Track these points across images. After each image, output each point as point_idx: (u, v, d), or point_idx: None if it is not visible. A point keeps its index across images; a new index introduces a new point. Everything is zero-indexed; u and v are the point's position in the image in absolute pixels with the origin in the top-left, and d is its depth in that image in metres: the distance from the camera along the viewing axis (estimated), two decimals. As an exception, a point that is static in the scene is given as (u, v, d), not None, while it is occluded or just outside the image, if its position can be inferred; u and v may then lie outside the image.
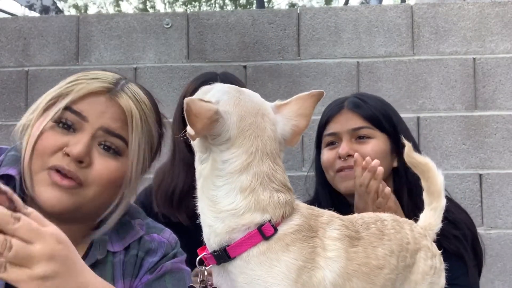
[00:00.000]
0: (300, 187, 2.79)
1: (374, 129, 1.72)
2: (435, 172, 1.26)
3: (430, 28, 2.89)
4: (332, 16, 2.93)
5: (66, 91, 1.16)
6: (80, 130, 1.14)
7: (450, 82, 2.85)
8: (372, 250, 1.02)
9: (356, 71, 2.88)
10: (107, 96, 1.16)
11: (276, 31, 2.93)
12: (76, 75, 1.21)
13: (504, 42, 2.86)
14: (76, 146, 1.11)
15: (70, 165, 1.10)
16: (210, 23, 2.95)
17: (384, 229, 1.09)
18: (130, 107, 1.17)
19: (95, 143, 1.15)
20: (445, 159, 2.79)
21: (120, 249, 1.21)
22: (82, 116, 1.14)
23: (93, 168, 1.14)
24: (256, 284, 0.93)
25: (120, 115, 1.17)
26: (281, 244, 0.93)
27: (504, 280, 2.71)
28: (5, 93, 2.97)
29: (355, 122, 1.72)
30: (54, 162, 1.11)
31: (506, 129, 2.79)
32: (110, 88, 1.18)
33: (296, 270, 0.91)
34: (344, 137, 1.72)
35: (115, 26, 2.98)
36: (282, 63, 2.90)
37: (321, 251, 0.95)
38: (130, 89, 1.21)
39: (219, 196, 0.96)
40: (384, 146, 1.73)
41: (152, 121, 1.24)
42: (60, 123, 1.13)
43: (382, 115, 1.74)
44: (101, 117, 1.15)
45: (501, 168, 2.78)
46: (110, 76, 1.22)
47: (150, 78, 2.92)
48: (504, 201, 2.75)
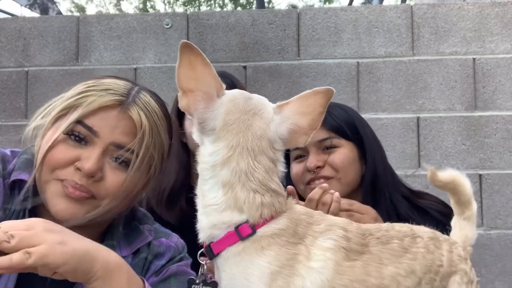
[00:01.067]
0: (300, 187, 2.79)
1: (340, 138, 1.70)
2: (463, 183, 1.21)
3: (430, 28, 2.89)
4: (332, 17, 2.93)
5: (78, 103, 1.16)
6: (91, 143, 1.14)
7: (450, 82, 2.85)
8: (377, 267, 0.95)
9: (356, 71, 2.88)
10: (118, 110, 1.16)
11: (276, 31, 2.93)
12: (88, 84, 1.20)
13: (504, 42, 2.86)
14: (88, 162, 1.11)
15: (82, 180, 1.11)
16: (210, 23, 2.95)
17: (410, 246, 1.01)
18: (141, 121, 1.17)
19: (107, 157, 1.15)
20: (445, 159, 2.79)
21: (128, 254, 1.22)
22: (94, 131, 1.14)
23: (105, 182, 1.14)
24: (233, 283, 0.93)
25: (132, 128, 1.17)
26: (256, 247, 0.92)
27: (504, 280, 2.71)
28: (5, 93, 2.97)
29: (320, 134, 1.69)
30: (66, 176, 1.12)
31: (506, 129, 2.80)
32: (121, 100, 1.18)
33: (270, 274, 0.89)
34: (311, 149, 1.69)
35: (115, 26, 2.98)
36: (282, 63, 2.90)
37: (304, 259, 0.91)
38: (142, 99, 1.21)
39: (205, 190, 0.98)
40: (351, 153, 1.71)
41: (163, 130, 1.24)
42: (72, 135, 1.14)
43: (347, 124, 1.73)
44: (112, 132, 1.15)
45: (501, 168, 2.78)
46: (122, 87, 1.21)
47: (150, 78, 2.92)
48: (504, 201, 2.75)
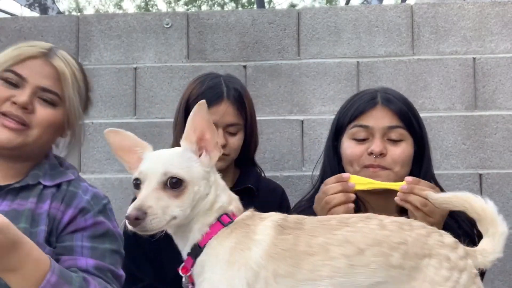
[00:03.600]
0: (300, 187, 2.79)
1: (405, 130, 1.70)
2: (469, 199, 1.24)
3: (430, 28, 2.89)
4: (332, 16, 2.93)
5: (9, 56, 1.46)
6: (22, 87, 1.45)
7: (450, 82, 2.84)
8: (307, 238, 1.13)
9: (356, 71, 2.88)
10: (43, 60, 1.48)
11: (276, 31, 2.93)
12: (17, 44, 1.52)
13: (504, 42, 2.86)
14: (21, 97, 1.43)
15: (18, 111, 1.43)
16: (210, 23, 2.95)
17: (355, 222, 1.15)
18: (63, 68, 1.49)
19: (35, 96, 1.46)
20: (445, 159, 2.79)
21: (50, 184, 1.49)
22: (23, 77, 1.45)
23: (36, 114, 1.46)
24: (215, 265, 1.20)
25: (54, 74, 1.48)
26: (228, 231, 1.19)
27: (504, 280, 2.71)
28: (5, 93, 2.96)
29: (390, 119, 1.69)
30: (4, 109, 1.42)
31: (506, 129, 2.79)
32: (45, 53, 1.49)
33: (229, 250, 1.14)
34: (378, 133, 1.68)
35: (115, 26, 2.97)
36: (282, 63, 2.90)
37: (252, 235, 1.16)
38: (62, 54, 1.53)
39: None
40: (411, 151, 1.71)
41: (80, 78, 1.55)
42: (5, 81, 1.44)
43: (412, 114, 1.73)
44: (37, 77, 1.46)
45: (501, 168, 2.78)
46: (45, 44, 1.54)
47: (150, 78, 2.92)
48: (504, 201, 2.75)
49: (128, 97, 2.89)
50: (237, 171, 2.14)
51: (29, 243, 1.26)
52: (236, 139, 2.00)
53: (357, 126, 1.72)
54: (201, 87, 1.98)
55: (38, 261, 1.27)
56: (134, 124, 2.87)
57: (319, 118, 2.85)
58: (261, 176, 2.22)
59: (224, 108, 1.94)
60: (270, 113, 2.83)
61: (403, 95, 1.84)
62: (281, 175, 2.81)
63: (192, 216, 1.18)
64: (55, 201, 1.47)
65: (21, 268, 1.23)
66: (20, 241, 1.22)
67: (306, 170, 2.79)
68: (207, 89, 1.97)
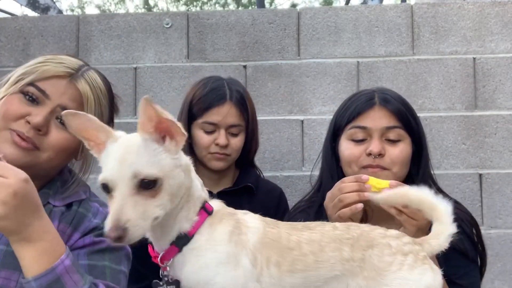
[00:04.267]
0: (300, 187, 2.79)
1: (404, 130, 1.70)
2: (407, 193, 1.31)
3: (430, 28, 2.89)
4: (332, 16, 2.93)
5: (34, 70, 1.39)
6: (42, 104, 1.37)
7: (450, 82, 2.84)
8: (286, 234, 1.20)
9: (356, 71, 2.88)
10: (68, 80, 1.41)
11: (276, 31, 2.93)
12: (46, 57, 1.44)
13: (504, 42, 2.86)
14: (37, 117, 1.34)
15: (30, 132, 1.34)
16: (210, 23, 2.95)
17: (314, 226, 1.25)
18: (86, 92, 1.42)
19: (53, 117, 1.38)
20: (445, 159, 2.79)
21: (60, 205, 1.41)
22: (46, 94, 1.37)
23: (49, 137, 1.38)
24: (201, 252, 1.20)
25: (77, 97, 1.41)
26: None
27: (504, 280, 2.71)
28: (5, 93, 2.96)
29: (388, 120, 1.68)
30: (16, 127, 1.34)
31: (506, 129, 2.79)
32: (72, 73, 1.42)
33: (228, 234, 1.17)
34: (376, 134, 1.68)
35: (115, 26, 2.98)
36: (282, 63, 2.90)
37: (244, 222, 1.20)
38: (89, 75, 1.45)
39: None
40: (409, 151, 1.71)
41: (104, 104, 1.49)
42: (26, 95, 1.37)
43: (408, 111, 1.73)
44: (61, 97, 1.39)
45: (501, 168, 2.78)
46: (74, 63, 1.45)
47: (150, 78, 2.92)
48: (504, 201, 2.75)
49: (128, 97, 2.89)
50: (237, 171, 2.18)
51: (48, 218, 1.21)
52: (238, 140, 2.05)
53: (355, 127, 1.72)
54: (204, 89, 2.03)
55: (56, 239, 1.22)
56: (134, 124, 2.85)
57: (319, 118, 2.85)
58: (260, 177, 2.25)
59: (227, 110, 1.99)
60: (270, 113, 2.83)
61: (400, 95, 1.84)
62: (281, 175, 2.81)
63: (173, 207, 1.13)
64: (63, 222, 1.39)
65: (39, 240, 1.16)
66: (42, 210, 1.18)
67: (306, 170, 2.79)
68: (210, 90, 2.02)
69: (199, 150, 2.03)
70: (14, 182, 1.10)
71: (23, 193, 1.11)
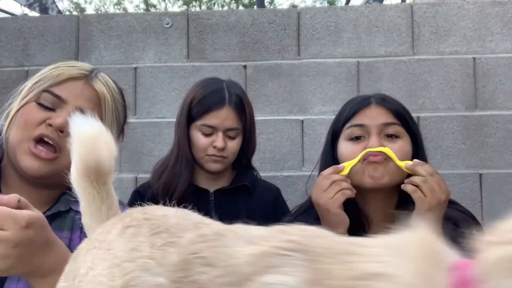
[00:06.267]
0: (300, 187, 2.79)
1: (402, 127, 1.69)
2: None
3: (430, 27, 2.89)
4: (332, 16, 2.93)
5: (48, 76, 1.39)
6: (60, 108, 1.37)
7: (450, 82, 2.85)
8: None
9: (356, 70, 2.88)
10: (83, 81, 1.41)
11: (276, 30, 2.93)
12: (56, 64, 1.44)
13: (504, 41, 2.86)
14: (58, 118, 1.34)
15: (53, 133, 1.34)
16: (210, 22, 2.95)
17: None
18: (103, 91, 1.43)
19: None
20: (445, 159, 2.79)
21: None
22: (62, 99, 1.36)
23: (69, 140, 1.31)
24: None
25: (94, 98, 1.41)
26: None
27: (504, 280, 2.71)
28: (5, 92, 2.95)
29: (385, 117, 1.67)
30: (39, 132, 1.34)
31: (506, 129, 2.79)
32: (86, 74, 1.43)
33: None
34: (374, 131, 1.66)
35: (115, 26, 2.98)
36: (282, 62, 2.90)
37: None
38: (102, 77, 1.47)
39: None
40: (409, 148, 1.70)
41: (119, 104, 1.50)
42: (42, 105, 1.36)
43: (405, 111, 1.74)
44: (77, 99, 1.38)
45: (501, 168, 2.78)
46: (86, 66, 1.48)
47: (150, 77, 2.92)
48: (504, 201, 2.75)
49: (128, 97, 2.87)
50: (234, 172, 2.19)
51: (63, 245, 1.16)
52: (235, 143, 2.07)
53: (352, 126, 1.70)
54: (204, 91, 2.06)
55: None
56: (134, 124, 2.87)
57: (319, 118, 2.85)
58: (257, 177, 2.26)
59: (225, 113, 2.01)
60: (270, 113, 2.83)
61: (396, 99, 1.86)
62: (281, 175, 2.81)
63: None
64: (84, 230, 1.37)
65: (53, 274, 1.07)
66: (53, 242, 1.12)
67: (306, 170, 2.79)
68: (210, 93, 2.05)
69: (197, 152, 2.05)
70: (13, 233, 1.03)
71: (25, 241, 1.05)
